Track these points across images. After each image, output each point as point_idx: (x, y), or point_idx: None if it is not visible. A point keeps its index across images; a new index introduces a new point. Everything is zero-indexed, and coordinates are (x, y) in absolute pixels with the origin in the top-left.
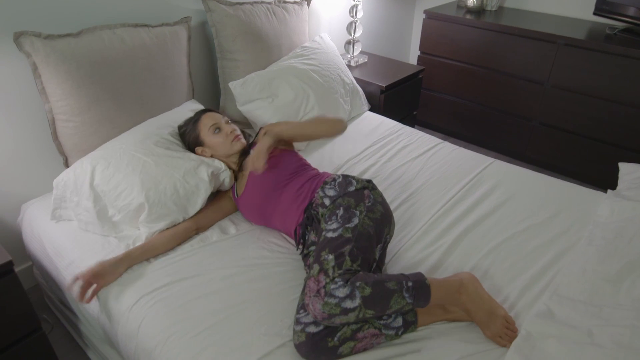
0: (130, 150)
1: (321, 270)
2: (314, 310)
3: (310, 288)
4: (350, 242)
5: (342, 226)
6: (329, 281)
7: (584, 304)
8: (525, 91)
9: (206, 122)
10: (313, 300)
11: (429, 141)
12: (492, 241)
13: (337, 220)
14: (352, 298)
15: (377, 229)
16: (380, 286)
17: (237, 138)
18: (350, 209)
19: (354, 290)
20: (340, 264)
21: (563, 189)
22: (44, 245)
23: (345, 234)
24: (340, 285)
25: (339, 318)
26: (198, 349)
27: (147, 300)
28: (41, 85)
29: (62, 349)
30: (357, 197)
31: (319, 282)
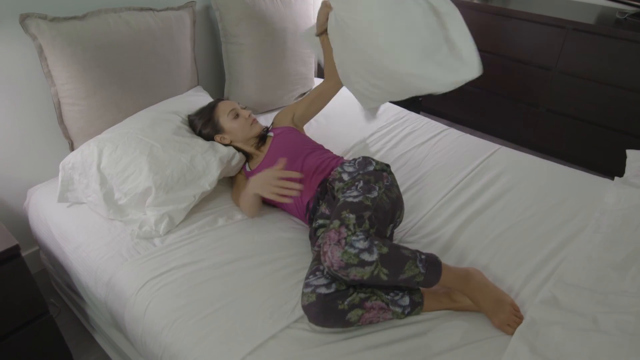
0: (138, 134)
1: (342, 224)
2: (332, 258)
3: (330, 237)
4: (369, 209)
5: (363, 195)
6: (350, 234)
7: (589, 290)
8: (533, 77)
9: (224, 108)
10: (332, 248)
11: (434, 127)
12: (497, 228)
13: (357, 190)
14: (371, 252)
15: (391, 208)
16: (396, 249)
17: (255, 121)
18: (370, 183)
19: (373, 246)
20: (360, 224)
21: (569, 176)
22: (50, 229)
23: (366, 201)
24: (361, 238)
25: (355, 270)
26: (204, 332)
27: (153, 284)
28: (47, 69)
29: (69, 332)
30: (376, 175)
31: (340, 233)
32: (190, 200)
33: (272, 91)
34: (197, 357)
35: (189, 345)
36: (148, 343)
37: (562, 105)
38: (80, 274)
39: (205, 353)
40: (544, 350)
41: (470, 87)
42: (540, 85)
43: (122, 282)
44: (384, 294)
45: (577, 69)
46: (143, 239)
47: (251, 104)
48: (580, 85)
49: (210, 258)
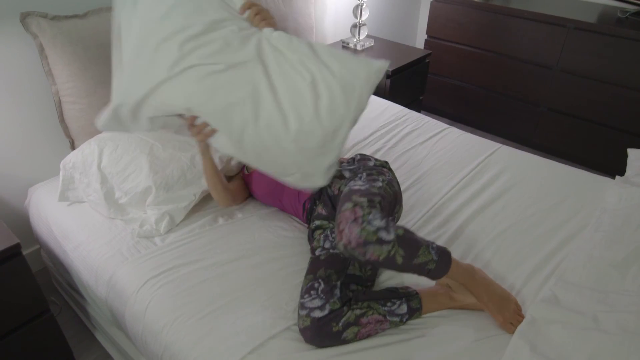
0: (138, 133)
1: (356, 205)
2: (350, 235)
3: (346, 217)
4: (377, 195)
5: (369, 184)
6: (366, 213)
7: (589, 289)
8: (534, 76)
9: None
10: (350, 226)
11: (435, 126)
12: (498, 227)
13: (361, 180)
14: (388, 231)
15: (392, 201)
16: (411, 234)
17: None
18: (373, 175)
19: (389, 226)
20: (372, 207)
21: (570, 175)
22: (51, 228)
23: (373, 189)
24: (378, 217)
25: (373, 247)
26: (204, 331)
27: (154, 282)
28: (48, 67)
29: (70, 330)
30: (377, 170)
31: (355, 212)
32: (190, 199)
33: None
34: (198, 356)
35: (190, 344)
36: (149, 342)
37: (563, 104)
38: (81, 273)
39: (205, 352)
40: (545, 349)
41: (472, 86)
42: (541, 84)
43: (122, 280)
44: (381, 305)
45: (578, 68)
46: (144, 238)
47: None
48: (581, 84)
49: (210, 257)
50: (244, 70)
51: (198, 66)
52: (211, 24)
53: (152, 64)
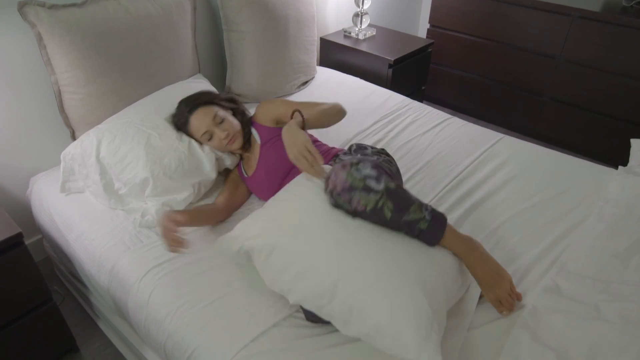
0: (135, 123)
1: (348, 161)
2: (336, 179)
3: (335, 168)
4: (371, 162)
5: (365, 156)
6: (355, 162)
7: (591, 279)
8: (537, 66)
9: (197, 127)
10: (337, 170)
11: (437, 116)
12: (500, 217)
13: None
14: (378, 181)
15: (391, 175)
16: (403, 190)
17: (232, 141)
18: (368, 156)
19: (381, 176)
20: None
21: (573, 165)
22: (53, 217)
23: (365, 157)
24: (369, 166)
25: (359, 194)
26: (207, 320)
27: (156, 272)
28: (47, 57)
29: (73, 319)
30: (375, 154)
31: (344, 163)
32: (189, 190)
33: (274, 79)
34: (201, 344)
35: (193, 332)
36: (151, 330)
37: (566, 94)
38: (83, 262)
39: (208, 340)
40: (546, 338)
41: (474, 76)
42: (544, 73)
43: (125, 270)
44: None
45: (582, 57)
46: (145, 228)
47: (253, 93)
48: (585, 73)
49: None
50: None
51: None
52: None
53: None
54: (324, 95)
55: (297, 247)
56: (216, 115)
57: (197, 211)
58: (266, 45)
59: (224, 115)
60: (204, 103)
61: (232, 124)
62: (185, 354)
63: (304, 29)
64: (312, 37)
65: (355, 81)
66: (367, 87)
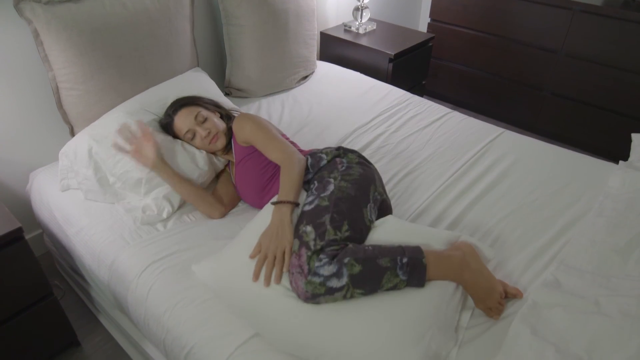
0: (128, 118)
1: (302, 245)
2: (297, 289)
3: (292, 264)
4: (328, 210)
5: (318, 197)
6: (311, 254)
7: (591, 274)
8: (538, 60)
9: (180, 127)
10: (296, 277)
11: (437, 111)
12: (500, 212)
13: (312, 193)
14: (339, 277)
15: (358, 189)
16: (372, 263)
17: (214, 140)
18: (324, 178)
19: (342, 268)
20: (322, 235)
21: (574, 159)
22: (53, 213)
23: (322, 203)
24: (326, 263)
25: (324, 298)
26: (206, 316)
27: (155, 267)
28: (44, 53)
29: (73, 314)
30: (329, 167)
31: (300, 256)
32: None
33: (273, 74)
34: (200, 339)
35: (191, 328)
36: (151, 325)
37: (567, 88)
38: (83, 257)
39: (207, 336)
40: (546, 332)
41: (475, 70)
42: (545, 68)
43: (124, 265)
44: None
45: (583, 52)
46: (147, 224)
47: (252, 87)
48: (586, 68)
49: (211, 243)
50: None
51: None
52: None
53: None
54: (324, 90)
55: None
56: (198, 114)
57: (181, 177)
58: (266, 39)
59: (207, 114)
60: (187, 104)
61: (215, 123)
62: (184, 350)
63: (304, 22)
64: (312, 31)
65: (355, 76)
66: (367, 81)
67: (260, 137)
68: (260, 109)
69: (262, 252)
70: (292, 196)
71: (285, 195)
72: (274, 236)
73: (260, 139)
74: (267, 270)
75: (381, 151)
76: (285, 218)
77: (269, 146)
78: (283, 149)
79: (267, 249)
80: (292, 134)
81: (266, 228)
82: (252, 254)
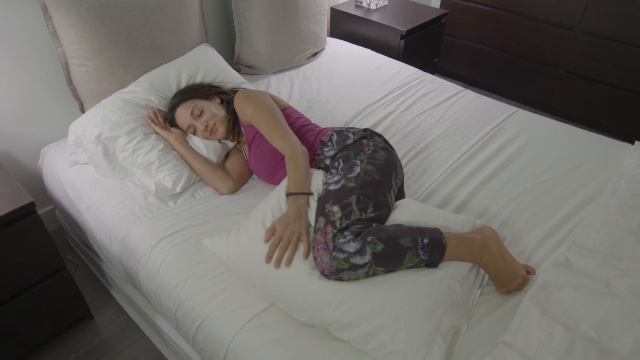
0: (138, 97)
1: (327, 222)
2: (322, 264)
3: (317, 241)
4: (354, 191)
5: (344, 177)
6: (336, 232)
7: (603, 254)
8: (554, 37)
9: (180, 125)
10: (321, 253)
11: (449, 89)
12: (512, 191)
13: (337, 172)
14: (362, 254)
15: (382, 175)
16: (394, 243)
17: (213, 131)
18: (350, 159)
19: (365, 246)
20: (348, 214)
21: (588, 139)
22: (65, 188)
23: (348, 184)
24: (350, 240)
25: (347, 273)
26: (216, 290)
27: (167, 242)
28: (53, 28)
29: (86, 287)
30: (355, 148)
31: (326, 234)
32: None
33: (283, 50)
34: (211, 313)
35: (202, 302)
36: (162, 299)
37: (583, 67)
38: (95, 232)
39: (217, 310)
40: (555, 312)
41: (488, 48)
42: (561, 45)
43: (135, 240)
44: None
45: (601, 29)
46: (161, 197)
47: (261, 63)
48: (604, 46)
49: (221, 218)
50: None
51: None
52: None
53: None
54: (334, 68)
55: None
56: (194, 108)
57: (195, 151)
58: (275, 14)
59: (202, 106)
60: (183, 100)
61: (212, 113)
62: (195, 323)
63: None
64: (323, 7)
65: (366, 53)
66: (378, 58)
67: (262, 124)
68: (270, 85)
69: (276, 236)
70: (306, 188)
71: (300, 187)
72: (290, 222)
73: (262, 126)
74: (280, 253)
75: (391, 130)
76: (302, 210)
77: (271, 134)
78: (285, 138)
79: (282, 232)
80: (301, 111)
81: (282, 215)
82: (266, 237)
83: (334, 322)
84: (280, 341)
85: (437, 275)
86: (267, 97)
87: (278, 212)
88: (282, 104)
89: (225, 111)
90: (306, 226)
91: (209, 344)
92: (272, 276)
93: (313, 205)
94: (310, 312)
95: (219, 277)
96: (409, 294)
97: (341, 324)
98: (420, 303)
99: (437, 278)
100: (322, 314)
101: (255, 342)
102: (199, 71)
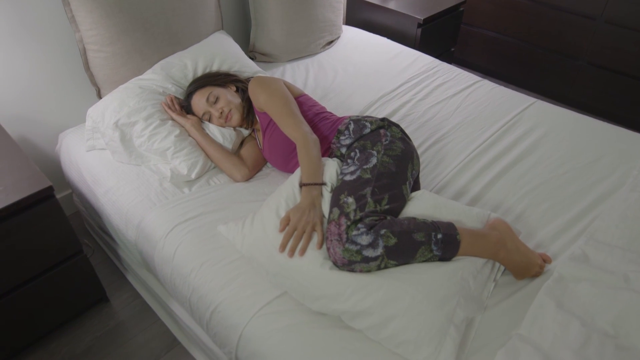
0: (154, 85)
1: (342, 214)
2: (334, 255)
3: (331, 232)
4: (370, 183)
5: (360, 168)
6: (350, 224)
7: (621, 249)
8: (575, 27)
9: (196, 111)
10: (334, 244)
11: (466, 79)
12: (528, 184)
13: (354, 163)
14: (375, 247)
15: (398, 166)
16: (407, 237)
17: (228, 118)
18: (367, 149)
19: (378, 239)
20: (363, 206)
21: (608, 132)
22: (82, 173)
23: (364, 175)
24: (363, 232)
25: (359, 266)
26: (231, 276)
27: (181, 228)
28: (71, 13)
29: (102, 271)
30: (372, 138)
31: (340, 225)
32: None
33: (298, 38)
34: (225, 299)
35: (216, 288)
36: (177, 284)
37: (605, 58)
38: (111, 217)
39: (231, 296)
40: (571, 305)
41: (506, 37)
42: (582, 35)
43: (151, 225)
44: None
45: (624, 19)
46: (176, 184)
47: (277, 51)
48: (626, 36)
49: (235, 205)
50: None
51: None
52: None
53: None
54: (350, 56)
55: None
56: (210, 94)
57: (211, 138)
58: (292, 2)
59: (218, 93)
60: (199, 87)
61: (228, 100)
62: (210, 309)
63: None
64: None
65: (382, 41)
66: (394, 47)
67: (274, 111)
68: (285, 74)
69: (290, 226)
70: (319, 178)
71: (313, 178)
72: (305, 213)
73: (274, 113)
74: (294, 243)
75: (407, 119)
76: (316, 200)
77: (283, 122)
78: (297, 127)
79: (296, 222)
80: (316, 100)
81: (296, 205)
82: (280, 227)
83: (346, 311)
84: (293, 328)
85: (450, 267)
86: (281, 84)
87: (292, 201)
88: (296, 92)
89: (240, 99)
90: (320, 216)
91: (222, 329)
92: (285, 265)
93: (327, 195)
94: (323, 301)
95: (233, 263)
96: (422, 284)
97: (353, 312)
98: (433, 294)
99: (450, 269)
100: (334, 303)
101: (268, 329)
102: (215, 60)
